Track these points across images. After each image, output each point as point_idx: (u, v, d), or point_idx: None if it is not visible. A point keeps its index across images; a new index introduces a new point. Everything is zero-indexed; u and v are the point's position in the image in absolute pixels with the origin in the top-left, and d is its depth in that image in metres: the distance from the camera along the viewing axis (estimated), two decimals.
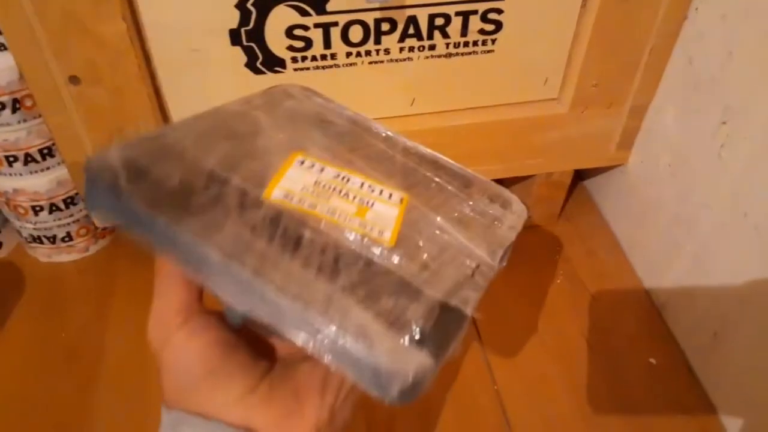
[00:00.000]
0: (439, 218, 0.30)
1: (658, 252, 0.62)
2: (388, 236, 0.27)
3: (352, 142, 0.33)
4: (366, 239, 0.27)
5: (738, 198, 0.50)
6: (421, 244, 0.28)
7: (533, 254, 0.68)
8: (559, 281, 0.65)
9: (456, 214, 0.31)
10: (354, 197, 0.29)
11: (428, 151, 0.35)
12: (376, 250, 0.26)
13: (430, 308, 0.25)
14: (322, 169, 0.29)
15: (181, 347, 0.27)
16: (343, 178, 0.29)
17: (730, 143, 0.51)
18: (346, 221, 0.27)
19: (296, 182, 0.28)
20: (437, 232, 0.29)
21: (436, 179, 0.33)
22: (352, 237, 0.27)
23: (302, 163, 0.29)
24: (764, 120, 0.47)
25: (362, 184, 0.29)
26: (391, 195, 0.30)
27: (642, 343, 0.60)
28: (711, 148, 0.53)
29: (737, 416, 0.52)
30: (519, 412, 0.54)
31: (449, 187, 0.33)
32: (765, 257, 0.48)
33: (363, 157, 0.32)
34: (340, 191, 0.29)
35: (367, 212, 0.28)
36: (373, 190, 0.29)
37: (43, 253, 0.65)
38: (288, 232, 0.26)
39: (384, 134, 0.35)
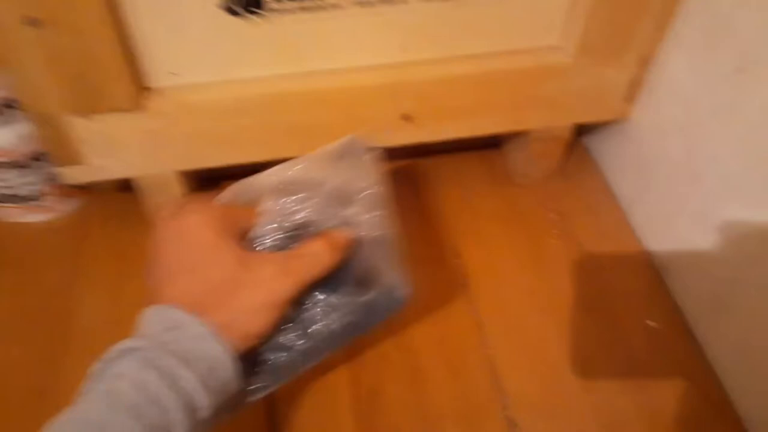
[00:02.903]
0: None
1: (660, 210, 0.59)
2: None
3: None
4: None
5: (750, 151, 0.47)
6: None
7: (530, 212, 0.65)
8: (554, 240, 0.62)
9: None
10: None
11: None
12: None
13: None
14: None
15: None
16: None
17: (745, 93, 0.47)
18: None
19: None
20: None
21: None
22: None
23: None
24: None
25: None
26: None
27: (640, 305, 0.57)
28: (724, 99, 0.49)
29: (740, 381, 0.51)
30: (512, 375, 0.52)
31: None
32: None
33: None
34: None
35: None
36: None
37: (10, 214, 0.61)
38: None
39: None
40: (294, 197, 0.40)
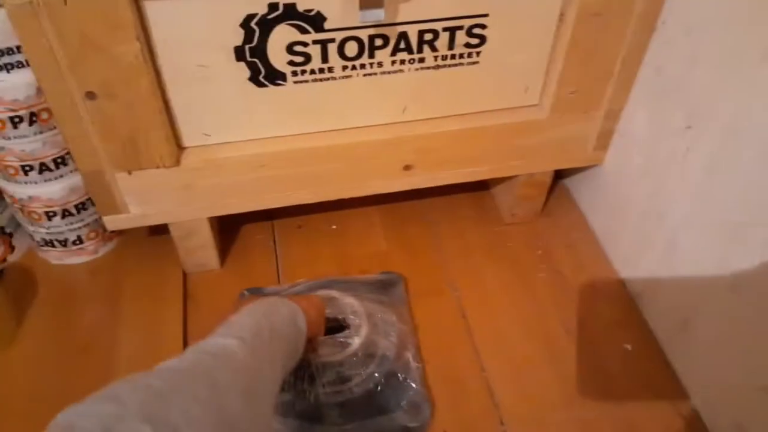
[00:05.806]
0: None
1: (632, 244, 0.67)
2: None
3: None
4: None
5: (702, 194, 0.55)
6: None
7: (518, 249, 0.72)
8: (541, 274, 0.70)
9: None
10: None
11: None
12: None
13: None
14: None
15: None
16: None
17: (694, 146, 0.55)
18: None
19: None
20: None
21: None
22: None
23: None
24: (723, 125, 0.52)
25: None
26: None
27: (618, 330, 0.64)
28: (677, 150, 0.57)
29: (706, 397, 0.58)
30: (506, 392, 0.59)
31: None
32: (726, 250, 0.53)
33: None
34: None
35: None
36: None
37: (54, 256, 0.68)
38: None
39: None
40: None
